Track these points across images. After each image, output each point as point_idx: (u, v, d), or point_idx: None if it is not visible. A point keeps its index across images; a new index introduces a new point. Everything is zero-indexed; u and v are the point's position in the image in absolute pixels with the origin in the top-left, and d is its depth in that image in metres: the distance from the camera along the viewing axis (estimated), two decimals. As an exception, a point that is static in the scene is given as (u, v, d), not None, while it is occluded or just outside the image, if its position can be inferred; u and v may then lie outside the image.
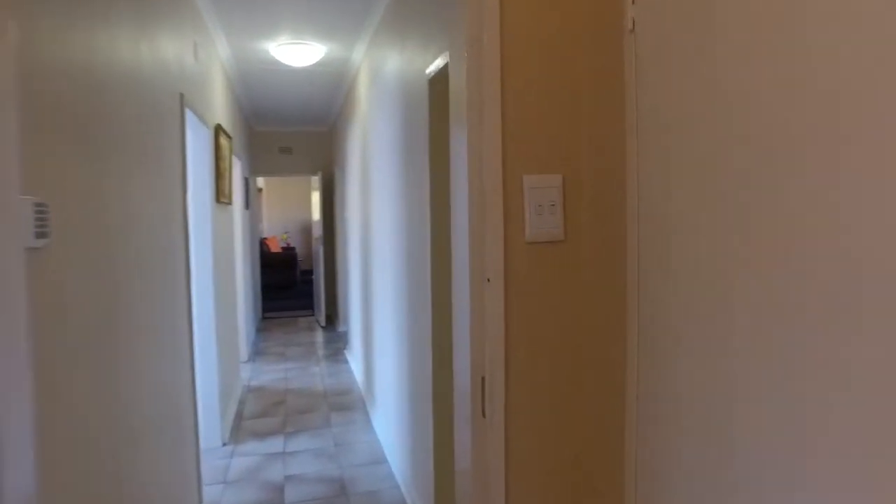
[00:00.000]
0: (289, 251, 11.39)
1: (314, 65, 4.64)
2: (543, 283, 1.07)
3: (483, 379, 1.07)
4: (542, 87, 1.06)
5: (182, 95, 2.63)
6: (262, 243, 10.61)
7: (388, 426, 3.61)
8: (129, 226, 1.77)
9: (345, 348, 6.47)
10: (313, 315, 8.55)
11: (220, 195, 3.96)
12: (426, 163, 2.41)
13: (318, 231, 8.02)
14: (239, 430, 4.03)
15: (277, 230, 12.65)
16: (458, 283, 1.14)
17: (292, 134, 8.11)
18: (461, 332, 1.14)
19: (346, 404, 4.60)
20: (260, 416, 4.33)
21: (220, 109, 4.18)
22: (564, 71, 1.07)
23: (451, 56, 1.19)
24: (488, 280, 1.03)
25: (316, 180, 7.96)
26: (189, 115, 2.95)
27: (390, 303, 3.44)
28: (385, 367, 3.70)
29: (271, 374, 5.51)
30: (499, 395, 1.05)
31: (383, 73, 3.53)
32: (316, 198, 8.09)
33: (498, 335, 1.04)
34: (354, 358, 5.57)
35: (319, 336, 7.30)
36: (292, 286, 10.72)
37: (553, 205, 1.06)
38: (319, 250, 7.76)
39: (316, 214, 8.14)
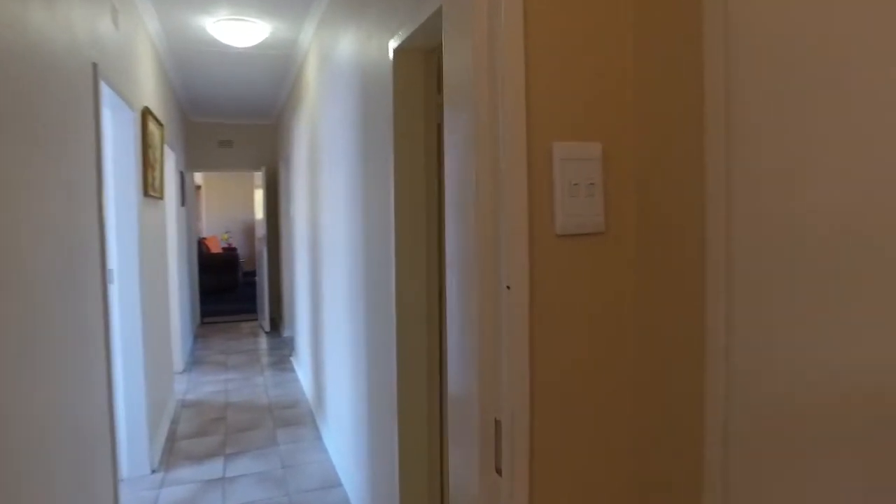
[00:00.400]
0: (230, 252, 10.84)
1: (257, 46, 4.23)
2: (581, 290, 0.79)
3: (497, 423, 0.78)
4: (576, 15, 0.78)
5: (95, 66, 2.21)
6: (201, 244, 10.10)
7: (343, 444, 3.26)
8: (4, 219, 1.37)
9: (291, 355, 6.04)
10: (257, 319, 8.04)
11: (150, 188, 3.50)
12: (390, 148, 2.10)
13: (261, 230, 7.54)
14: (171, 454, 3.57)
15: (218, 230, 12.04)
16: (458, 290, 0.84)
17: (233, 126, 7.58)
18: (461, 356, 0.84)
19: (294, 419, 4.20)
20: (196, 435, 3.88)
21: (149, 91, 3.71)
22: None
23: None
24: (508, 288, 0.74)
25: (259, 176, 7.47)
26: (107, 91, 2.52)
27: (344, 306, 3.10)
28: (338, 377, 3.35)
29: (210, 385, 5.03)
30: (521, 445, 0.76)
31: (336, 55, 3.18)
32: (259, 195, 7.61)
33: (520, 363, 0.75)
34: (302, 366, 5.17)
35: (263, 342, 6.82)
36: (234, 289, 10.21)
37: (592, 184, 0.79)
38: (263, 251, 7.29)
39: (259, 213, 7.65)
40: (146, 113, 3.41)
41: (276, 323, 7.64)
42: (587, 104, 0.79)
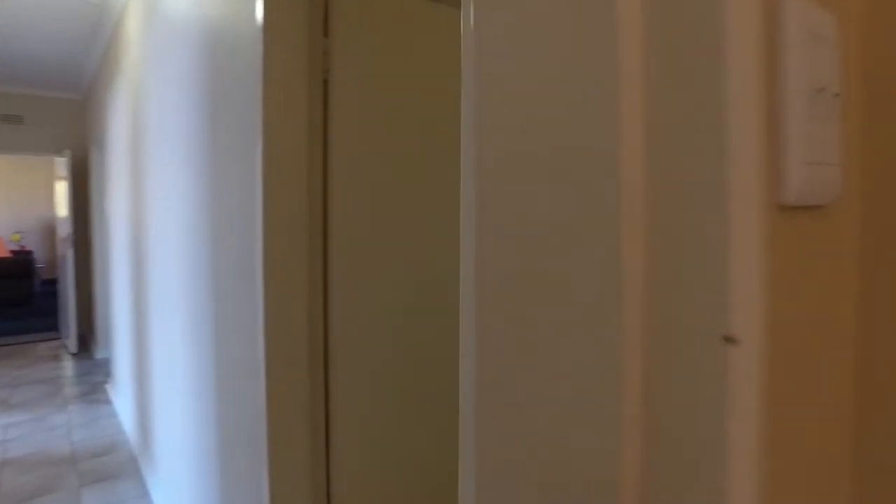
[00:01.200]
0: (23, 256, 8.92)
1: (56, -14, 3.24)
2: (811, 323, 0.36)
3: None
4: None
5: None
6: (-21, 246, 8.14)
7: (182, 501, 2.51)
8: None
9: (106, 382, 4.89)
10: (59, 339, 6.55)
11: None
12: (258, 117, 1.51)
13: (65, 230, 6.13)
14: (-89, 544, 2.50)
15: (6, 229, 9.86)
16: (527, 359, 0.37)
17: (23, 98, 6.08)
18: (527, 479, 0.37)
19: (109, 470, 3.26)
20: (-44, 510, 2.79)
21: None
22: None
23: None
24: (729, 341, 0.28)
25: (62, 163, 6.08)
26: None
27: (183, 319, 2.38)
28: (175, 407, 2.59)
29: (-16, 433, 3.79)
30: None
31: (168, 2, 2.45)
32: (62, 186, 6.19)
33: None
34: (121, 395, 4.15)
35: (69, 367, 5.49)
36: (28, 301, 8.32)
37: (836, 94, 0.36)
38: (68, 254, 5.93)
39: (63, 208, 6.23)
40: None
41: (87, 342, 6.29)
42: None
